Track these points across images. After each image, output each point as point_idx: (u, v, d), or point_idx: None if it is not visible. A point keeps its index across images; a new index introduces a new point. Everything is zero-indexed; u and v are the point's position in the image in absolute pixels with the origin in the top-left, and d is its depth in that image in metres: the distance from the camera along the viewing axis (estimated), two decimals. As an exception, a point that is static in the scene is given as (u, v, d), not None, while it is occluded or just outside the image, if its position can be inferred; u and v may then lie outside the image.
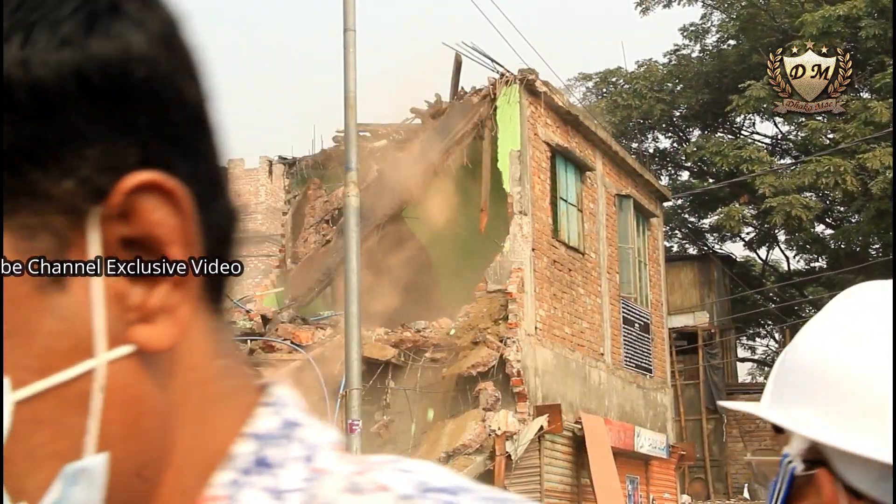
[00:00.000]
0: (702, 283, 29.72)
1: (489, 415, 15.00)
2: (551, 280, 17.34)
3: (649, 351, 21.58)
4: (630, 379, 20.35)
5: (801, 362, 1.40)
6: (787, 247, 34.93)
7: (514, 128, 16.71)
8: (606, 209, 19.97)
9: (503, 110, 16.82)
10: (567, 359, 17.56)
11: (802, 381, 1.38)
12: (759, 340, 39.86)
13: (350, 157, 12.31)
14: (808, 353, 1.39)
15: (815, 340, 1.39)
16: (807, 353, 1.39)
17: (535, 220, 16.82)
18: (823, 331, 1.39)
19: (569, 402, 17.07)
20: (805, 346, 1.40)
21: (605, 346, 19.28)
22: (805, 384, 1.38)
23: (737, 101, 27.60)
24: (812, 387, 1.36)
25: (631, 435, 18.99)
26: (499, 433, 14.54)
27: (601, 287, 19.39)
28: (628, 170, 21.17)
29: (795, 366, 1.40)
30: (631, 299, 20.69)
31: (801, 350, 1.40)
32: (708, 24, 32.30)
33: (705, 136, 32.52)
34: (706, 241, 34.34)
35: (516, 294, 15.93)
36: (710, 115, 32.13)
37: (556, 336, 17.28)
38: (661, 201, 23.64)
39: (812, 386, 1.36)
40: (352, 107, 12.39)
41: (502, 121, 16.81)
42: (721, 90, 30.23)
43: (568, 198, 18.40)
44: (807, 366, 1.38)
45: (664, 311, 23.03)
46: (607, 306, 19.55)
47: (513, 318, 15.83)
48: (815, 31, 25.53)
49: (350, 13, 12.50)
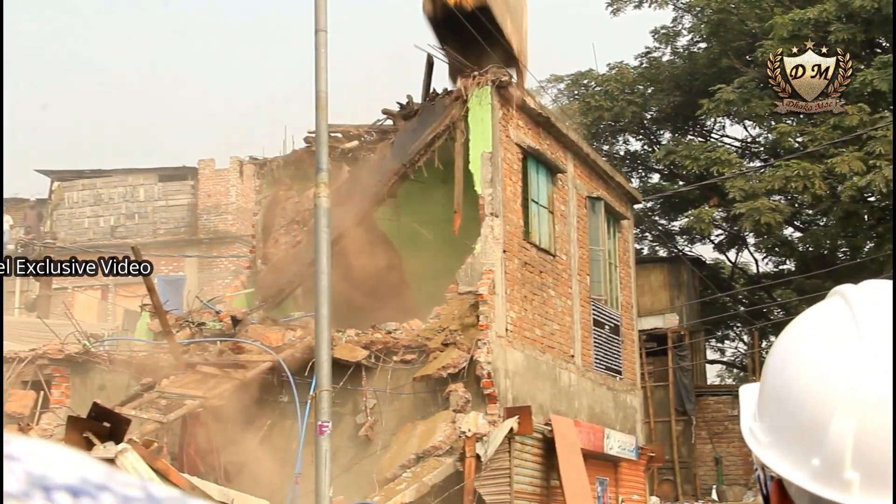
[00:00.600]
0: (672, 285, 29.86)
1: (459, 416, 14.99)
2: (522, 282, 17.36)
3: (619, 353, 21.65)
4: (600, 381, 20.40)
5: (764, 376, 1.43)
6: (756, 249, 35.17)
7: (485, 129, 16.70)
8: (577, 211, 20.02)
9: (474, 112, 16.81)
10: (537, 360, 17.58)
11: (762, 394, 1.42)
12: (729, 343, 40.13)
13: (321, 157, 12.28)
14: (767, 368, 1.43)
15: (772, 356, 1.42)
16: (767, 368, 1.43)
17: (506, 221, 16.84)
18: (777, 348, 1.42)
19: (539, 403, 17.09)
20: (768, 361, 1.44)
21: (575, 348, 19.32)
22: (762, 399, 1.42)
23: (707, 106, 27.75)
24: (765, 403, 1.40)
25: (601, 436, 19.03)
26: (469, 434, 14.54)
27: (572, 289, 19.43)
28: (599, 172, 21.24)
29: (763, 378, 1.43)
30: (601, 301, 20.75)
31: (767, 363, 1.44)
32: (679, 27, 32.48)
33: (676, 138, 32.69)
34: (676, 244, 34.50)
35: (487, 296, 15.93)
36: (681, 117, 32.29)
37: (527, 338, 17.30)
38: (632, 203, 23.73)
39: (764, 401, 1.40)
40: (323, 107, 12.36)
41: (474, 122, 16.80)
42: (691, 93, 30.40)
43: (539, 200, 18.43)
44: (766, 379, 1.41)
45: (634, 312, 23.10)
46: (578, 308, 19.60)
47: (483, 319, 15.83)
48: (784, 34, 25.69)
49: (321, 14, 12.47)
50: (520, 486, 16.11)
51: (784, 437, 1.33)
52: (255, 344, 15.96)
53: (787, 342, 1.39)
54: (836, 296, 1.40)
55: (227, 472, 15.58)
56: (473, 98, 16.79)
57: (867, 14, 25.93)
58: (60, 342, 16.68)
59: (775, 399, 1.35)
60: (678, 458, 27.83)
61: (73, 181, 36.95)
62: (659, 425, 27.95)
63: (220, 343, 16.38)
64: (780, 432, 1.34)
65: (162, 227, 36.18)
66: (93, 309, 34.59)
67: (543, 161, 18.56)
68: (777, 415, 1.34)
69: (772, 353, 1.41)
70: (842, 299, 1.38)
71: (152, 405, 14.42)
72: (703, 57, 31.29)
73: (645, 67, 32.66)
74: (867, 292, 1.36)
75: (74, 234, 36.30)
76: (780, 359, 1.37)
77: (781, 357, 1.38)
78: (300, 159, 19.13)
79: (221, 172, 36.14)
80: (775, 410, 1.35)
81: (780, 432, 1.34)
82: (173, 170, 36.85)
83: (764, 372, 1.42)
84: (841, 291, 1.39)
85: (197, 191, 36.22)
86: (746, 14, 29.63)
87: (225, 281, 30.88)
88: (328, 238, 12.29)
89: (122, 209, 36.40)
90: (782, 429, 1.33)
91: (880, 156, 24.15)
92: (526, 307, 17.41)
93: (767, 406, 1.38)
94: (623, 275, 22.20)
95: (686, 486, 27.93)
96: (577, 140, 20.10)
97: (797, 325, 1.40)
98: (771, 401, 1.37)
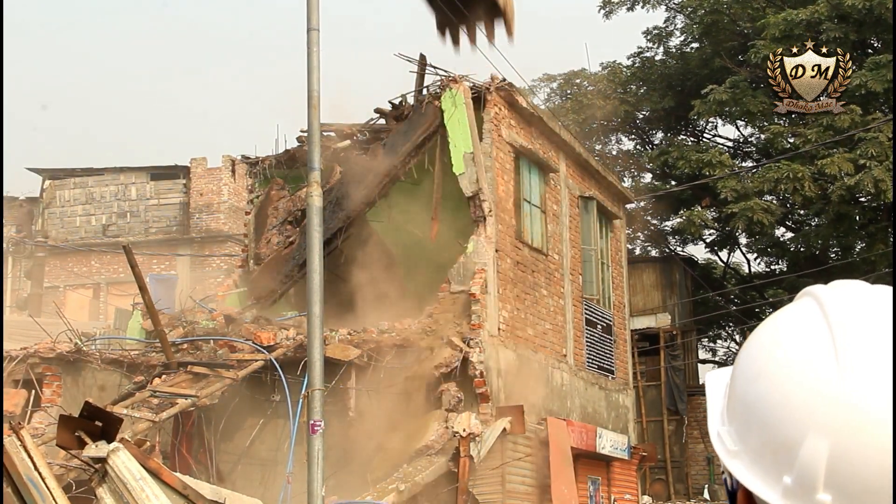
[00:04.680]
0: (664, 284, 29.90)
1: (452, 416, 14.98)
2: (514, 281, 17.36)
3: (612, 352, 21.67)
4: (592, 380, 20.42)
5: (734, 379, 1.39)
6: (748, 250, 35.24)
7: (463, 131, 16.58)
8: (570, 211, 20.03)
9: (450, 114, 16.69)
10: (530, 360, 17.59)
11: (732, 398, 1.38)
12: (720, 342, 40.23)
13: (313, 156, 12.26)
14: (737, 372, 1.38)
15: (744, 360, 1.38)
16: (737, 372, 1.38)
17: (498, 221, 16.84)
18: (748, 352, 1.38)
19: (531, 403, 17.09)
20: (739, 364, 1.39)
21: (567, 348, 19.33)
22: (732, 402, 1.38)
23: (699, 107, 27.79)
24: (734, 408, 1.37)
25: (593, 436, 19.04)
26: (463, 434, 14.53)
27: (564, 288, 19.44)
28: (592, 171, 21.25)
29: (733, 381, 1.39)
30: (594, 301, 20.77)
31: (737, 366, 1.40)
32: (671, 27, 32.51)
33: (668, 138, 32.72)
34: (668, 244, 34.54)
35: (479, 295, 15.93)
36: (673, 117, 32.33)
37: (519, 337, 17.30)
38: (624, 203, 23.75)
39: (734, 406, 1.37)
40: (315, 106, 12.33)
41: (451, 125, 16.68)
42: (683, 93, 30.44)
43: (531, 199, 18.44)
44: (737, 385, 1.37)
45: (626, 312, 23.13)
46: (570, 307, 19.61)
47: (476, 318, 15.83)
48: (776, 34, 25.73)
49: (314, 12, 12.44)
50: (512, 486, 16.11)
51: (754, 448, 1.30)
52: (246, 343, 15.93)
53: (759, 347, 1.35)
54: (807, 297, 1.36)
55: (220, 471, 15.57)
56: (447, 101, 16.69)
57: (859, 14, 25.99)
58: (52, 341, 16.65)
59: (747, 407, 1.32)
60: (670, 458, 27.87)
61: (64, 179, 36.87)
62: (651, 425, 27.99)
63: (213, 342, 16.35)
64: (749, 442, 1.30)
65: (154, 225, 36.12)
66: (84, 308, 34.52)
67: (536, 160, 18.56)
68: (747, 424, 1.31)
69: (743, 356, 1.37)
70: (816, 304, 1.33)
71: (144, 404, 14.40)
72: (696, 57, 31.34)
73: (637, 67, 32.70)
74: (842, 298, 1.31)
75: (66, 233, 36.23)
76: (753, 366, 1.33)
77: (754, 364, 1.33)
78: (293, 158, 19.10)
79: (213, 171, 36.11)
80: (746, 419, 1.31)
81: (749, 442, 1.30)
82: (165, 168, 36.79)
83: (734, 375, 1.37)
84: (813, 294, 1.35)
85: (189, 189, 36.17)
86: (738, 14, 29.68)
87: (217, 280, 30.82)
88: (321, 237, 12.28)
89: (113, 208, 36.33)
90: (753, 439, 1.30)
91: (871, 157, 24.21)
92: (518, 306, 17.42)
93: (737, 412, 1.34)
94: (615, 274, 22.21)
95: (678, 486, 27.97)
96: (570, 140, 20.11)
97: (769, 331, 1.36)
98: (742, 407, 1.33)
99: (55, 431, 10.58)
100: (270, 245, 19.03)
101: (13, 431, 9.31)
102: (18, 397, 15.75)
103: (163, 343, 15.59)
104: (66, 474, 11.85)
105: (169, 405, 14.21)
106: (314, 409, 11.53)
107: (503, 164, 17.33)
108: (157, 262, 34.18)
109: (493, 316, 16.32)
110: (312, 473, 11.38)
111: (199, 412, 15.26)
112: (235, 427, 15.82)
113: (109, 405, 13.35)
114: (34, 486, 9.05)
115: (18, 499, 9.05)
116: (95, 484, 9.48)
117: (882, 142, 24.25)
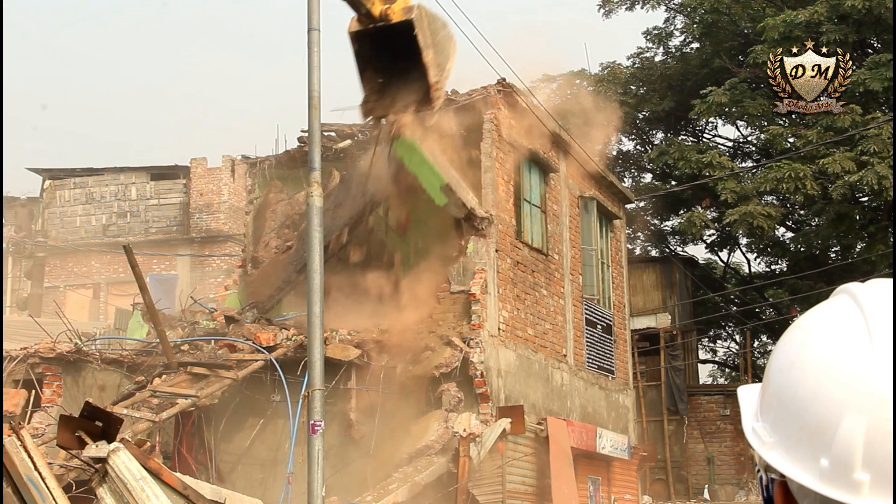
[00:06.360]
0: (664, 285, 29.90)
1: (452, 416, 14.98)
2: (515, 281, 17.36)
3: (612, 352, 21.67)
4: (592, 380, 20.42)
5: (767, 374, 1.42)
6: (748, 250, 35.23)
7: (429, 168, 16.25)
8: (570, 211, 20.02)
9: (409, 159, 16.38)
10: (530, 360, 17.59)
11: (766, 393, 1.41)
12: (720, 342, 40.23)
13: (314, 156, 12.26)
14: (771, 367, 1.41)
15: (777, 355, 1.41)
16: (771, 367, 1.42)
17: (498, 221, 16.83)
18: (781, 347, 1.41)
19: (531, 403, 17.10)
20: (772, 360, 1.42)
21: (567, 348, 19.33)
22: (766, 398, 1.40)
23: (699, 107, 27.78)
24: (768, 402, 1.39)
25: (593, 436, 19.05)
26: (463, 434, 14.53)
27: (564, 288, 19.44)
28: (592, 172, 21.24)
29: (767, 377, 1.42)
30: (594, 301, 20.76)
31: (771, 363, 1.43)
32: (671, 27, 32.49)
33: (668, 138, 32.69)
34: (668, 244, 34.53)
35: (480, 295, 15.93)
36: (674, 117, 32.30)
37: (519, 337, 17.30)
38: (624, 203, 23.74)
39: (768, 400, 1.39)
40: (316, 107, 12.33)
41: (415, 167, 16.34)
42: (683, 93, 30.42)
43: (532, 199, 18.44)
44: (771, 378, 1.40)
45: (626, 312, 23.13)
46: (570, 308, 19.61)
47: (476, 318, 15.83)
48: (776, 35, 25.72)
49: (314, 13, 12.45)
50: (512, 486, 16.11)
51: (790, 436, 1.32)
52: (247, 343, 15.93)
53: (792, 341, 1.38)
54: (842, 294, 1.39)
55: (220, 471, 15.57)
56: (400, 147, 16.34)
57: (858, 15, 25.98)
58: (52, 341, 16.65)
59: (781, 398, 1.34)
60: (670, 458, 27.86)
61: (64, 179, 36.88)
62: (651, 425, 27.98)
63: (214, 342, 16.35)
64: (785, 431, 1.33)
65: (154, 225, 36.13)
66: (84, 308, 34.53)
67: (536, 161, 18.56)
68: (782, 414, 1.33)
69: (776, 352, 1.40)
70: (850, 298, 1.36)
71: (145, 404, 14.40)
72: (696, 58, 31.32)
73: (637, 68, 32.68)
74: (876, 291, 1.35)
75: (66, 233, 36.23)
76: (786, 358, 1.36)
77: (787, 356, 1.36)
78: (293, 159, 19.08)
79: (213, 171, 36.11)
80: (780, 409, 1.34)
81: (785, 431, 1.33)
82: (165, 168, 36.80)
83: (767, 371, 1.40)
84: (848, 290, 1.38)
85: (189, 189, 36.17)
86: (738, 15, 29.66)
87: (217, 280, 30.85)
88: (321, 237, 12.28)
89: (113, 208, 36.33)
90: (788, 428, 1.32)
91: (874, 153, 24.15)
92: (518, 306, 17.42)
93: (772, 405, 1.36)
94: (615, 274, 22.21)
95: (678, 486, 27.96)
96: (570, 140, 20.10)
97: (803, 324, 1.39)
98: (776, 400, 1.35)
99: (55, 431, 10.59)
100: (269, 249, 19.02)
101: (13, 431, 9.31)
102: (18, 397, 15.74)
103: (163, 343, 15.59)
104: (66, 474, 11.86)
105: (169, 405, 14.22)
106: (314, 409, 11.53)
107: (503, 165, 17.32)
108: (157, 262, 34.19)
109: (493, 316, 16.32)
110: (312, 473, 11.38)
111: (200, 412, 15.27)
112: (235, 427, 15.82)
113: (109, 405, 13.35)
114: (34, 486, 9.06)
115: (18, 499, 9.06)
116: (95, 484, 9.49)
117: (884, 138, 24.21)
